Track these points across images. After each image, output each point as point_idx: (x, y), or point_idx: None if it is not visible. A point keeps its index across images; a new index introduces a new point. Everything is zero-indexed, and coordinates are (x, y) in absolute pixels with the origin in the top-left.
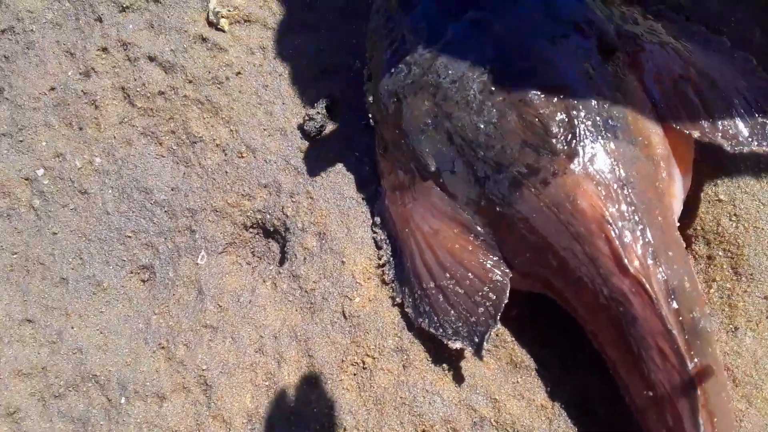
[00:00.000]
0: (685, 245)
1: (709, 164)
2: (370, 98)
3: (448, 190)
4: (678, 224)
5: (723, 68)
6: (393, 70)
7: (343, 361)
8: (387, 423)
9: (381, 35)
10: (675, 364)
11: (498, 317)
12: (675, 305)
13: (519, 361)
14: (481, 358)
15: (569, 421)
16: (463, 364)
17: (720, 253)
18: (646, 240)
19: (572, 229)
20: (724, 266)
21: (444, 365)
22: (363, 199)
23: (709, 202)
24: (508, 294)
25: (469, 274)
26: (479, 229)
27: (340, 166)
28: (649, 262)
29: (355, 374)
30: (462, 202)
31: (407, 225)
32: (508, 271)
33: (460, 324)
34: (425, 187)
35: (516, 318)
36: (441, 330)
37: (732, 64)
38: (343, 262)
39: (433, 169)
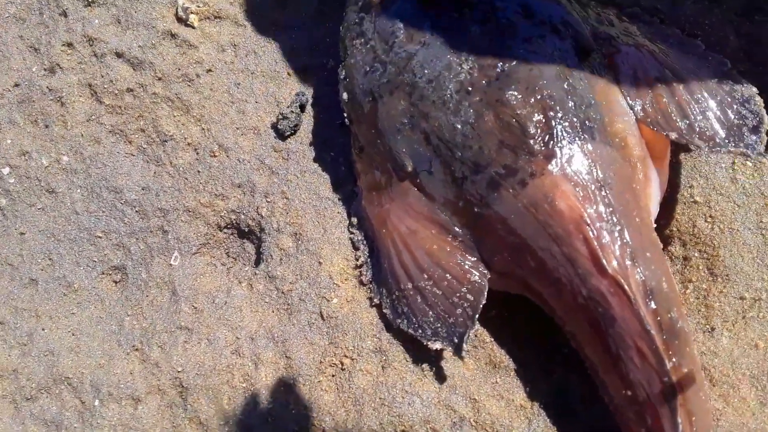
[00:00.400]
0: (661, 246)
1: (685, 166)
2: (345, 97)
3: (425, 191)
4: (654, 225)
5: (698, 71)
6: (368, 69)
7: (321, 362)
8: (366, 424)
9: (356, 33)
10: (653, 364)
11: (476, 318)
12: (653, 305)
13: (498, 362)
14: (461, 357)
15: (548, 420)
16: (442, 364)
17: (696, 255)
18: (624, 241)
19: (550, 230)
20: (700, 267)
21: (423, 366)
22: (339, 199)
23: (684, 203)
24: (485, 295)
25: (447, 275)
26: (457, 229)
27: (315, 165)
28: (627, 262)
29: (333, 375)
30: (439, 203)
31: (384, 226)
32: (486, 272)
33: (439, 325)
34: (402, 188)
35: (495, 318)
36: (420, 331)
37: (707, 67)
38: (320, 262)
39: (410, 169)
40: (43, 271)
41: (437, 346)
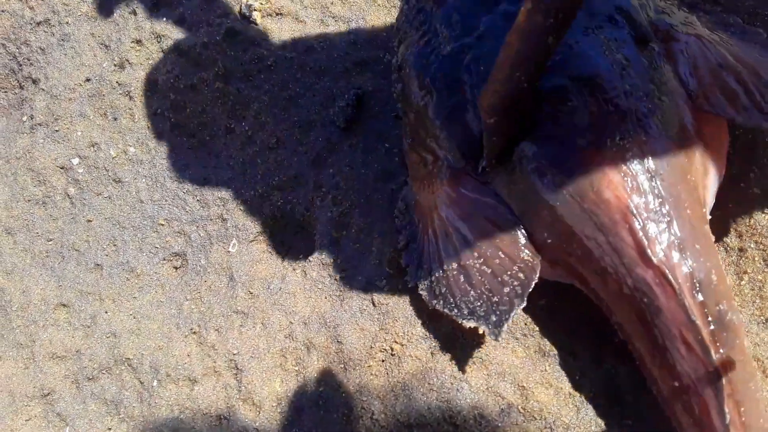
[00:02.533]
0: (714, 239)
1: (743, 157)
2: (399, 88)
3: (477, 177)
4: (709, 217)
5: (762, 57)
6: (424, 62)
7: (371, 347)
8: (414, 408)
9: (412, 26)
10: (699, 354)
11: (525, 297)
12: (700, 297)
13: (547, 350)
14: (497, 338)
15: (597, 409)
16: (491, 351)
17: (752, 246)
18: (672, 232)
19: (596, 218)
20: (756, 258)
21: (472, 353)
22: (392, 189)
23: (741, 194)
24: (538, 274)
25: (500, 252)
26: (510, 213)
27: (369, 157)
28: (674, 254)
29: (383, 360)
30: (491, 188)
31: (434, 211)
32: (536, 252)
33: (479, 303)
34: (454, 174)
35: (545, 307)
36: (456, 310)
37: None
38: (372, 250)
39: (462, 159)
40: (108, 257)
41: (471, 324)
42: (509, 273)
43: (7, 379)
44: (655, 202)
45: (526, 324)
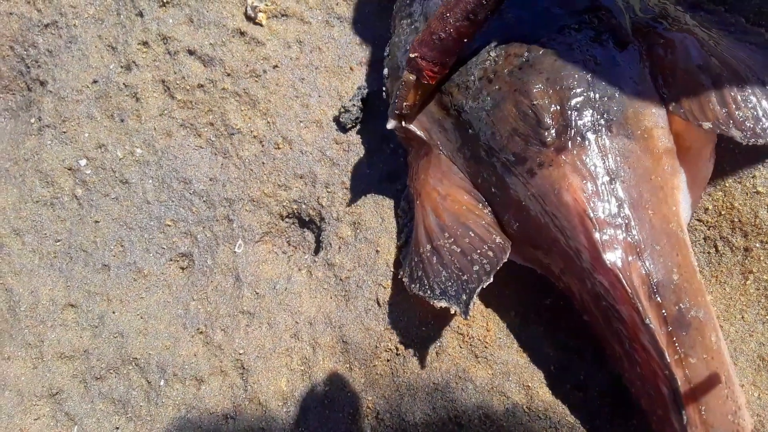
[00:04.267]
0: (685, 236)
1: (747, 156)
2: (386, 72)
3: (453, 161)
4: (687, 214)
5: (751, 60)
6: (407, 48)
7: (376, 347)
8: (419, 408)
9: (405, 14)
10: (655, 356)
11: (492, 274)
12: (657, 299)
13: (552, 350)
14: (466, 316)
15: (603, 408)
16: (496, 351)
17: (757, 245)
18: (630, 235)
19: (557, 221)
20: (761, 258)
21: (477, 352)
22: (397, 190)
23: (747, 194)
24: (507, 255)
25: (470, 232)
26: (484, 200)
27: (375, 157)
28: (630, 258)
29: (388, 360)
30: (465, 175)
31: (419, 196)
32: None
33: (450, 283)
34: (435, 156)
35: (550, 306)
36: (429, 291)
37: (764, 56)
38: (377, 251)
39: (438, 143)
40: (115, 258)
41: (442, 304)
42: (479, 251)
43: (16, 378)
44: (613, 205)
45: (531, 324)
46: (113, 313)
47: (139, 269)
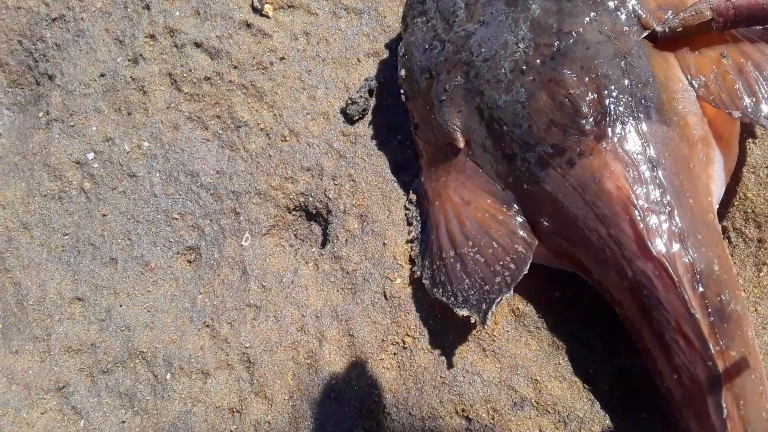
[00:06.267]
0: (719, 228)
1: (762, 147)
2: (403, 73)
3: (480, 164)
4: (717, 206)
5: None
6: (427, 47)
7: (383, 340)
8: (426, 402)
9: (418, 12)
10: (698, 347)
11: (512, 287)
12: (701, 289)
13: (561, 343)
14: (484, 326)
15: (611, 402)
16: (504, 345)
17: None
18: (674, 223)
19: (597, 210)
20: None
21: (485, 346)
22: (404, 182)
23: (760, 185)
24: (528, 266)
25: (494, 242)
26: (511, 201)
27: (382, 149)
28: (675, 245)
29: (395, 354)
30: (493, 176)
31: (439, 197)
32: (532, 242)
33: (472, 292)
34: (459, 160)
35: (559, 299)
36: (452, 299)
37: None
38: (384, 243)
39: (462, 144)
40: (123, 251)
41: (464, 312)
42: (501, 263)
43: (23, 372)
44: (656, 193)
45: (539, 317)
46: (120, 306)
47: (147, 263)
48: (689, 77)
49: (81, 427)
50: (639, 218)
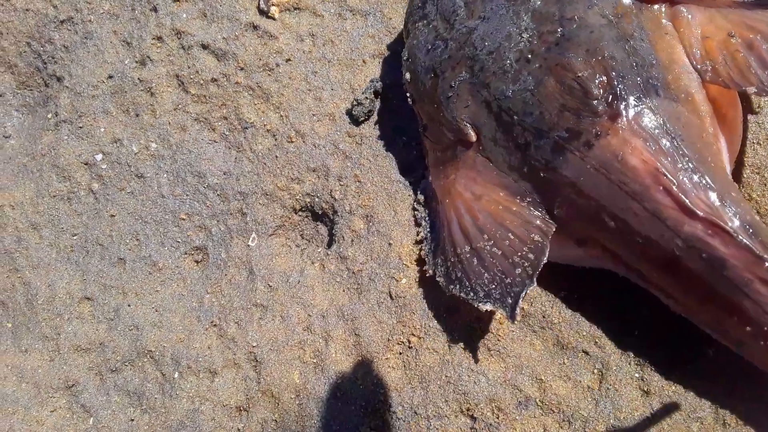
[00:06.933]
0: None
1: (767, 147)
2: (408, 77)
3: (490, 158)
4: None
5: None
6: (430, 47)
7: (389, 340)
8: (432, 401)
9: (418, 16)
10: None
11: (535, 277)
12: (759, 237)
13: (566, 342)
14: (513, 320)
15: (616, 402)
16: (509, 344)
17: None
18: (707, 184)
19: (626, 187)
20: None
21: (489, 345)
22: (410, 182)
23: (765, 185)
24: (546, 255)
25: (510, 234)
26: (526, 191)
27: (387, 150)
28: (717, 203)
29: (400, 353)
30: (505, 169)
31: (448, 195)
32: (549, 230)
33: (493, 286)
34: (468, 156)
35: (564, 299)
36: (472, 294)
37: None
38: (390, 244)
39: (473, 139)
40: (131, 251)
41: (488, 307)
42: (519, 254)
43: (33, 371)
44: (682, 160)
45: (544, 316)
46: (128, 306)
47: (154, 263)
48: (694, 62)
49: (90, 425)
50: (674, 185)
